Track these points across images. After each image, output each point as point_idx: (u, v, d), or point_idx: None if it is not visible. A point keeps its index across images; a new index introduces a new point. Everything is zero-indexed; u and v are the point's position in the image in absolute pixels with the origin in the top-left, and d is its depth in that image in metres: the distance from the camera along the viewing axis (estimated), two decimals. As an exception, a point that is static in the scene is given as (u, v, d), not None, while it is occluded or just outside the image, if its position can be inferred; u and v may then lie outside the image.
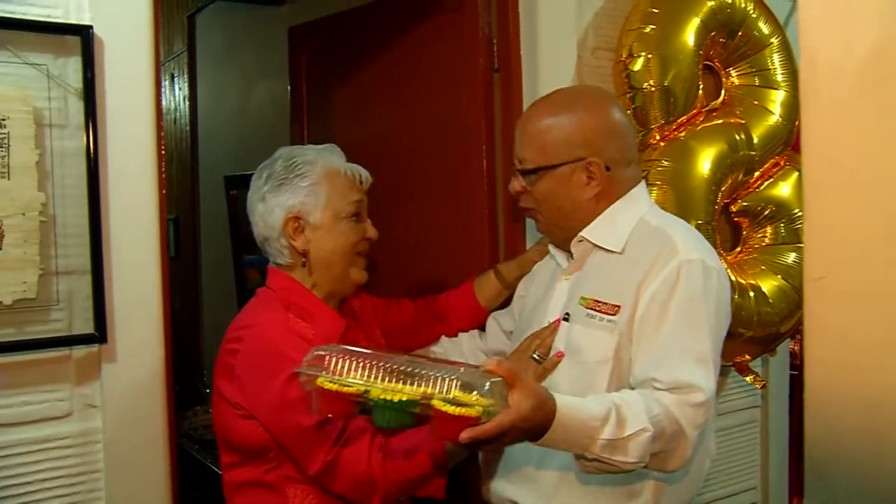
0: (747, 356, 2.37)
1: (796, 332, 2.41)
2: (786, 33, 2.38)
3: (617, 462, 1.36)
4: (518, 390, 1.27)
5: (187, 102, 4.59)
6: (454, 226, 2.42)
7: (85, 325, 1.72)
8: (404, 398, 1.28)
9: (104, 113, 1.71)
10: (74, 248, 1.70)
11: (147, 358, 1.79)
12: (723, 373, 2.61)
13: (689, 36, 2.25)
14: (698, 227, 2.18)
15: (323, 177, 1.69)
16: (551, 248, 1.82)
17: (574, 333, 1.62)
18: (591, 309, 1.60)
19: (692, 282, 1.53)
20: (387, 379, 1.31)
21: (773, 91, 2.36)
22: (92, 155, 1.69)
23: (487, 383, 1.25)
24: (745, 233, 2.43)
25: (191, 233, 4.62)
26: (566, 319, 1.65)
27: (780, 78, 2.36)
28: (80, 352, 1.72)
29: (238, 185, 4.21)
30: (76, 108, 1.68)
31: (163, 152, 1.81)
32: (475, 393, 1.24)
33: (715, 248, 2.21)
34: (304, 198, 1.67)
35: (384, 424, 1.32)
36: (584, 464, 1.39)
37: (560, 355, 1.61)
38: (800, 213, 2.31)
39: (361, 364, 1.33)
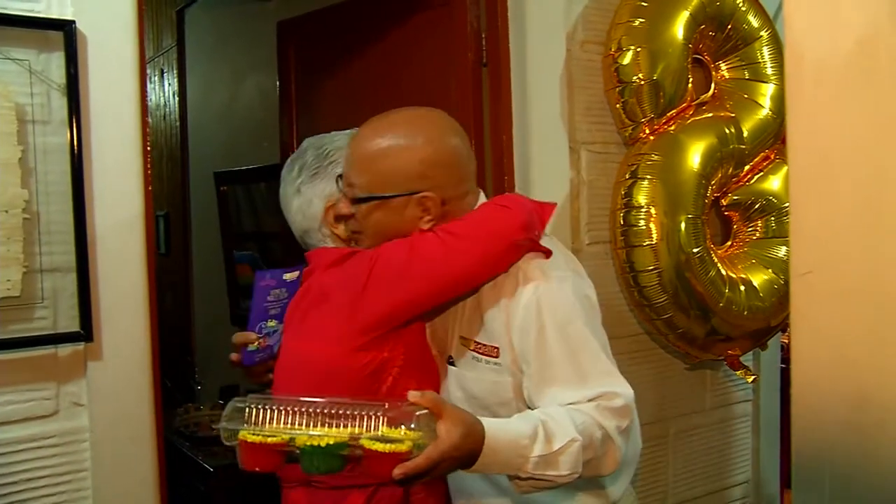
0: (738, 350, 2.37)
1: (787, 326, 2.41)
2: (775, 26, 2.38)
3: (551, 477, 1.33)
4: (445, 419, 1.25)
5: (177, 98, 4.57)
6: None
7: (70, 323, 1.70)
8: (331, 441, 1.25)
9: (88, 109, 1.69)
10: (59, 246, 1.68)
11: (134, 356, 1.77)
12: (714, 367, 2.62)
13: (679, 29, 2.25)
14: (688, 221, 2.18)
15: None
16: None
17: (466, 380, 1.54)
18: (475, 352, 1.52)
19: (554, 304, 1.46)
20: (311, 424, 1.27)
21: (763, 84, 2.36)
22: (76, 151, 1.67)
23: (414, 416, 1.23)
24: (735, 227, 2.43)
25: (181, 229, 4.60)
26: (451, 364, 1.57)
27: (769, 71, 2.36)
28: (65, 350, 1.70)
29: (228, 181, 4.20)
30: (59, 103, 1.66)
31: (148, 148, 1.79)
32: (402, 427, 1.23)
33: (705, 242, 2.22)
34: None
35: (313, 470, 1.28)
36: (518, 484, 1.37)
37: None
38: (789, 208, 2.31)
39: (283, 411, 1.29)
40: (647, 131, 2.27)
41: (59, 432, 1.71)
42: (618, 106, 2.29)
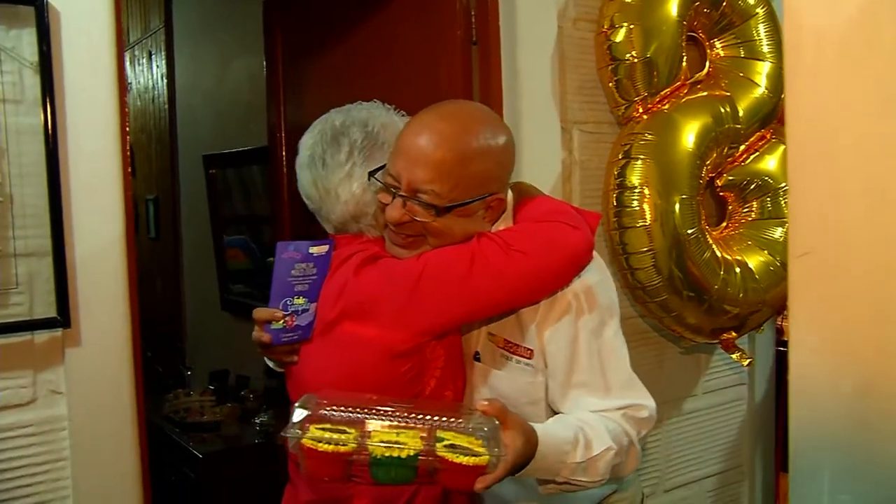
0: (733, 333, 2.33)
1: (783, 309, 2.37)
2: (771, 3, 2.32)
3: (583, 482, 1.39)
4: (510, 429, 1.28)
5: (165, 80, 4.51)
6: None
7: (47, 309, 1.65)
8: (411, 453, 1.20)
9: (62, 88, 1.63)
10: (34, 230, 1.63)
11: (113, 342, 1.73)
12: (709, 350, 2.58)
13: (673, 6, 2.19)
14: (682, 202, 2.14)
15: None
16: None
17: (494, 378, 1.53)
18: (506, 350, 1.52)
19: (589, 312, 1.48)
20: (382, 432, 1.24)
21: (759, 63, 2.31)
22: (50, 132, 1.61)
23: (490, 429, 1.24)
24: (730, 207, 2.39)
25: (171, 213, 4.56)
26: (477, 359, 1.55)
27: (765, 49, 2.30)
28: (42, 336, 1.66)
29: (217, 165, 4.14)
30: (32, 82, 1.61)
31: (127, 129, 1.73)
32: (475, 438, 1.23)
33: (700, 223, 2.18)
34: None
35: (388, 481, 1.24)
36: (547, 487, 1.41)
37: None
38: (786, 188, 2.26)
39: (351, 419, 1.26)
40: (641, 110, 2.22)
41: (37, 421, 1.67)
42: (611, 84, 2.24)
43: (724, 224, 2.38)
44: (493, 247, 1.43)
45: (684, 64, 2.25)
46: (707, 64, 2.35)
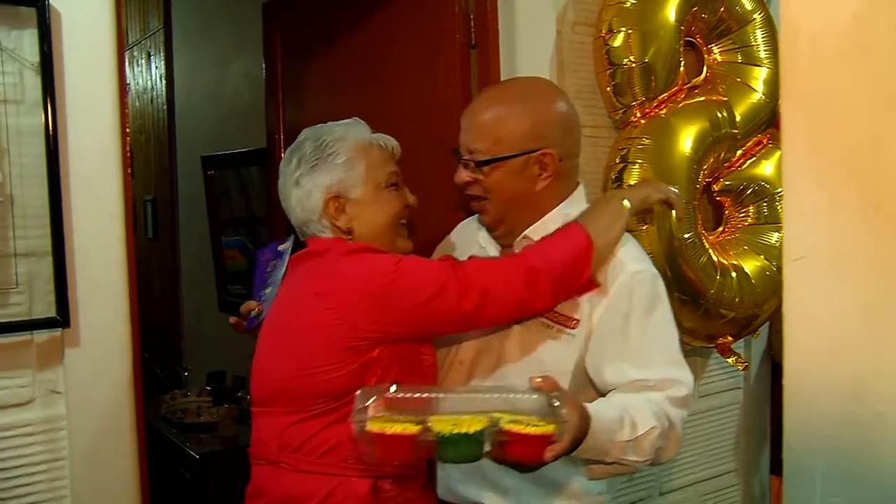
0: (729, 337, 2.34)
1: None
2: (769, 9, 2.33)
3: (631, 462, 1.43)
4: (567, 404, 1.30)
5: (164, 81, 4.51)
6: (432, 201, 2.37)
7: (47, 309, 1.66)
8: (479, 427, 1.23)
9: (63, 88, 1.64)
10: (34, 230, 1.64)
11: (113, 342, 1.74)
12: (704, 354, 2.59)
13: (671, 11, 2.20)
14: (679, 207, 2.15)
15: (357, 150, 1.64)
16: (485, 241, 1.77)
17: (528, 341, 1.60)
18: (548, 319, 1.59)
19: (644, 292, 1.58)
20: (445, 413, 1.26)
21: (756, 68, 2.32)
22: (51, 132, 1.62)
23: (554, 400, 1.27)
24: (727, 212, 2.40)
25: (169, 214, 4.56)
26: (516, 321, 1.61)
27: (762, 55, 2.32)
28: (41, 336, 1.67)
29: (215, 166, 4.15)
30: (33, 83, 1.62)
31: (127, 130, 1.74)
32: (539, 412, 1.26)
33: (696, 227, 2.19)
34: (342, 174, 1.62)
35: (457, 459, 1.27)
36: (593, 470, 1.47)
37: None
38: (782, 192, 2.27)
39: (414, 401, 1.28)
40: (639, 115, 2.23)
41: (36, 420, 1.68)
42: (608, 89, 2.25)
43: (721, 229, 2.38)
44: (458, 285, 1.49)
45: (682, 69, 2.26)
46: (704, 69, 2.36)
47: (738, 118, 2.27)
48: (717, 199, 2.39)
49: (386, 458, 1.28)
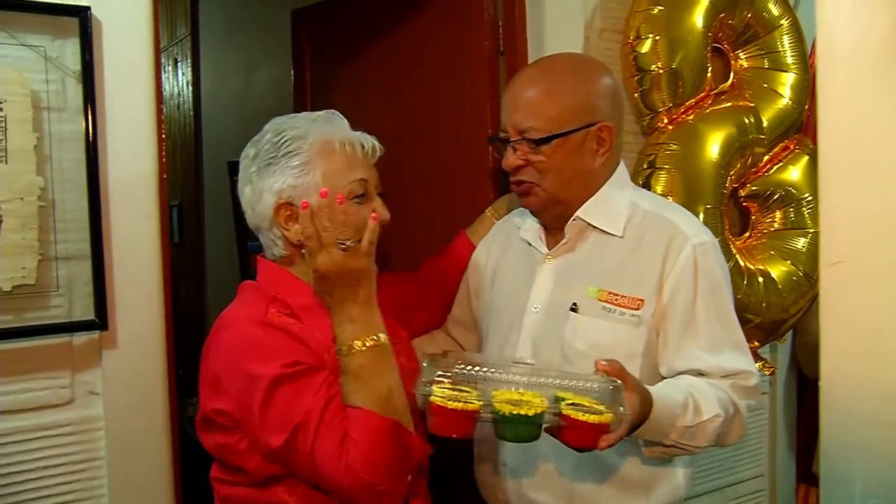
0: (756, 342, 2.34)
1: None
2: (796, 14, 2.34)
3: (690, 447, 1.43)
4: (629, 390, 1.30)
5: (191, 87, 4.56)
6: (460, 206, 2.39)
7: (85, 312, 1.69)
8: (538, 411, 1.25)
9: (103, 96, 1.69)
10: (74, 234, 1.68)
11: (148, 344, 1.77)
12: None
13: (698, 17, 2.21)
14: (706, 212, 2.16)
15: (316, 153, 1.42)
16: (526, 233, 1.73)
17: (589, 328, 1.56)
18: (608, 303, 1.55)
19: (709, 266, 1.55)
20: (507, 391, 1.28)
21: (783, 74, 2.32)
22: (91, 138, 1.66)
23: (614, 387, 1.28)
24: (753, 217, 2.40)
25: (195, 219, 4.60)
26: (574, 310, 1.58)
27: (790, 60, 2.32)
28: (80, 338, 1.70)
29: (242, 171, 4.19)
30: (74, 90, 1.66)
31: (163, 136, 1.78)
32: (595, 399, 1.27)
33: (723, 233, 2.20)
34: (295, 180, 1.40)
35: (515, 439, 1.28)
36: (652, 450, 1.47)
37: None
38: (809, 198, 2.28)
39: (477, 377, 1.29)
40: (666, 121, 2.24)
41: (75, 421, 1.71)
42: (636, 95, 2.26)
43: (748, 234, 2.39)
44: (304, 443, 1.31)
45: (709, 75, 2.27)
46: (731, 75, 2.37)
47: (765, 124, 2.27)
48: (744, 204, 2.39)
49: (445, 431, 1.28)
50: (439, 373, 1.28)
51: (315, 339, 1.39)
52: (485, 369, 1.31)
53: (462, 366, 1.30)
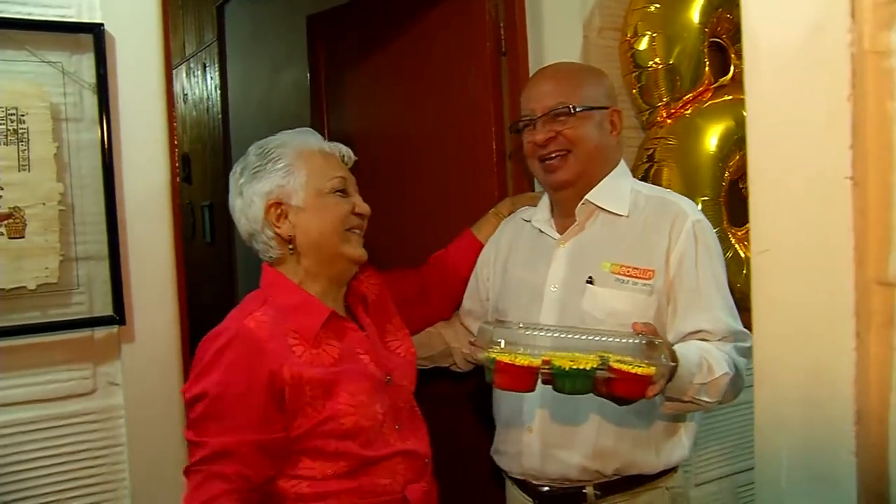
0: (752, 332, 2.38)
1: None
2: (794, 8, 2.36)
3: (705, 402, 1.58)
4: (667, 347, 1.46)
5: (218, 91, 4.69)
6: (466, 203, 2.47)
7: (104, 308, 1.81)
8: (594, 364, 1.38)
9: (117, 106, 1.80)
10: (92, 235, 1.79)
11: (164, 338, 1.88)
12: (737, 348, 2.62)
13: (694, 13, 2.26)
14: (705, 204, 2.21)
15: (297, 156, 1.60)
16: (538, 222, 1.87)
17: (606, 297, 1.71)
18: (621, 274, 1.71)
19: (706, 240, 1.72)
20: (562, 349, 1.43)
21: (782, 66, 2.35)
22: (106, 146, 1.77)
23: (647, 345, 1.42)
24: (753, 208, 2.43)
25: (225, 218, 4.72)
26: (590, 282, 1.73)
27: (789, 53, 2.35)
28: (100, 333, 1.82)
29: (268, 172, 4.29)
30: (90, 102, 1.77)
31: (175, 142, 1.89)
32: (639, 354, 1.42)
33: (722, 223, 2.24)
34: (281, 180, 1.58)
35: (572, 391, 1.41)
36: (668, 405, 1.60)
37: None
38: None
39: (533, 337, 1.47)
40: (664, 115, 2.29)
41: (97, 409, 1.83)
42: (634, 91, 2.32)
43: (747, 224, 2.42)
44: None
45: (707, 69, 2.31)
46: (731, 68, 2.41)
47: (763, 116, 2.30)
48: (743, 194, 2.43)
49: (511, 385, 1.43)
50: (498, 332, 1.45)
51: (278, 351, 1.51)
52: (541, 331, 1.50)
53: (520, 326, 1.49)
